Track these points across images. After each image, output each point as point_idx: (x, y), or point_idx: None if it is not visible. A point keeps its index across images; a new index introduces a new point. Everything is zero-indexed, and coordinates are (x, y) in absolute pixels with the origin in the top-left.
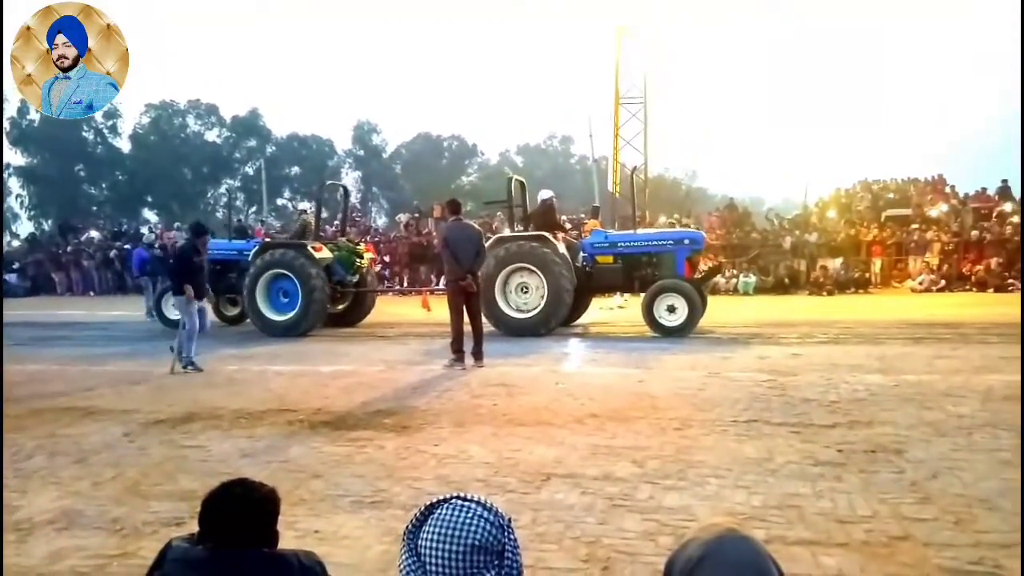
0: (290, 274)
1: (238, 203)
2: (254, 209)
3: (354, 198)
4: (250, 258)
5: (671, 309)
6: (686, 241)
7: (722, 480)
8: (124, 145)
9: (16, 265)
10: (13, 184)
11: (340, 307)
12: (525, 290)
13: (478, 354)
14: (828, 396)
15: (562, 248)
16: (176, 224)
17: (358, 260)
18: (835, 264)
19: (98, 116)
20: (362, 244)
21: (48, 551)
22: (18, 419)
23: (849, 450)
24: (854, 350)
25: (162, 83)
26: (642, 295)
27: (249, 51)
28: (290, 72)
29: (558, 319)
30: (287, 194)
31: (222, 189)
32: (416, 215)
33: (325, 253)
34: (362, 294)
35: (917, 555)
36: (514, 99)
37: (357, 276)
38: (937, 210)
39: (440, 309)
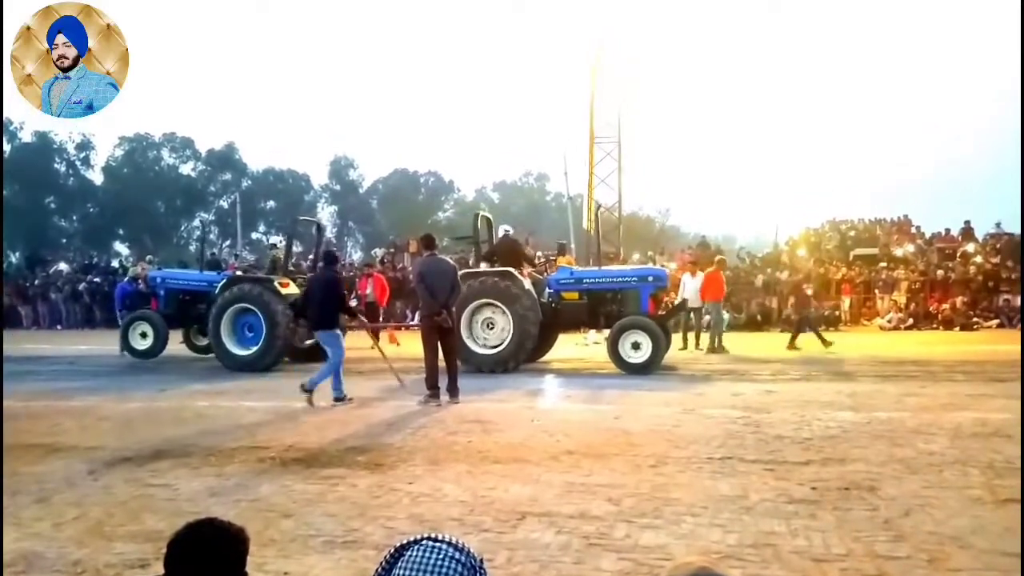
0: (255, 309)
1: (212, 236)
2: (228, 243)
3: (330, 232)
4: (217, 291)
5: (636, 346)
6: (650, 278)
7: (698, 518)
8: (96, 177)
9: None
10: None
11: (309, 342)
12: (491, 326)
13: (453, 391)
14: (801, 433)
15: (527, 284)
16: (148, 257)
17: None
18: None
19: (70, 148)
20: None
21: None
22: None
23: (823, 487)
24: (826, 387)
25: (137, 116)
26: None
27: (226, 85)
28: (267, 106)
29: (524, 354)
30: (262, 228)
31: (196, 222)
32: (392, 250)
33: (292, 288)
34: None
35: None
36: (490, 136)
37: None
38: (903, 250)
39: (411, 344)
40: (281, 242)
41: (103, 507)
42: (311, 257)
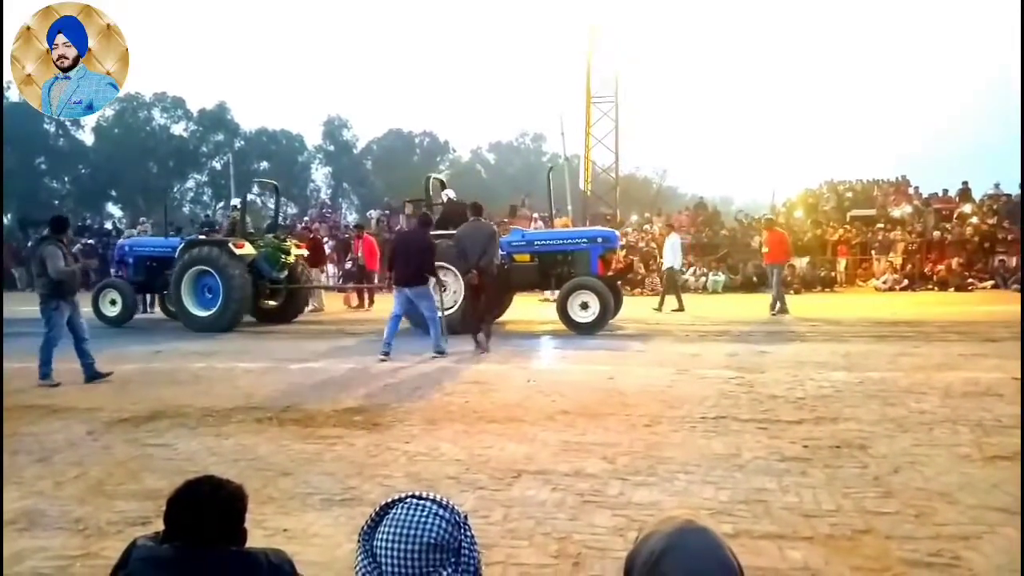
0: (212, 271)
1: (205, 198)
2: (221, 204)
3: (324, 194)
4: (175, 255)
5: (584, 306)
6: (599, 239)
7: (691, 476)
8: (87, 138)
9: None
10: None
11: (272, 303)
12: (443, 288)
13: (486, 334)
14: (795, 393)
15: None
16: (142, 219)
17: (283, 256)
18: (802, 263)
19: None
20: (289, 241)
21: (9, 552)
22: None
23: (815, 446)
24: (820, 347)
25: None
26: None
27: (217, 43)
28: (259, 65)
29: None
30: (256, 189)
31: (189, 183)
32: (387, 212)
33: (248, 250)
34: (295, 291)
35: (879, 548)
36: (486, 96)
37: (284, 272)
38: (901, 211)
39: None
40: (239, 204)
41: (103, 466)
42: (307, 217)
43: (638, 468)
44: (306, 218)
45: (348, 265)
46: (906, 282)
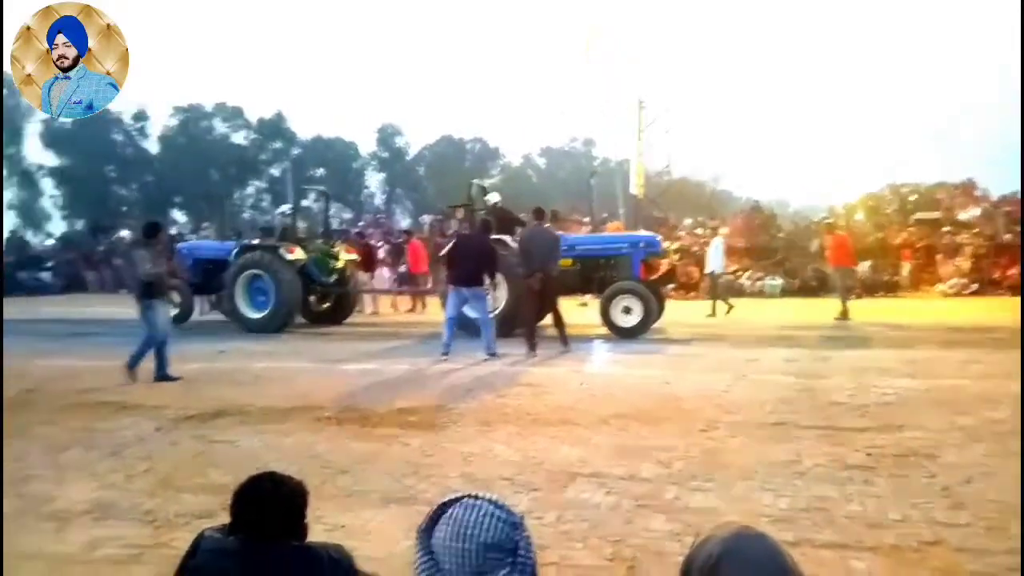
0: (265, 274)
1: (264, 204)
2: (279, 210)
3: (378, 200)
4: (232, 259)
5: (627, 310)
6: (641, 244)
7: (749, 482)
8: (153, 147)
9: (50, 264)
10: (47, 185)
11: (324, 306)
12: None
13: (563, 340)
14: (858, 399)
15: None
16: (204, 224)
17: (332, 262)
18: (864, 267)
19: (127, 119)
20: (339, 246)
21: (85, 540)
22: (53, 413)
23: (879, 454)
24: (884, 354)
25: (189, 86)
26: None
27: (274, 54)
28: (315, 75)
29: (520, 320)
30: (312, 196)
31: (249, 190)
32: (440, 217)
33: (299, 255)
34: (345, 294)
35: (949, 561)
36: (537, 101)
37: (334, 277)
38: (968, 214)
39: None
40: (291, 210)
41: (170, 461)
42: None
43: (694, 473)
44: (360, 223)
45: (402, 269)
46: (975, 287)
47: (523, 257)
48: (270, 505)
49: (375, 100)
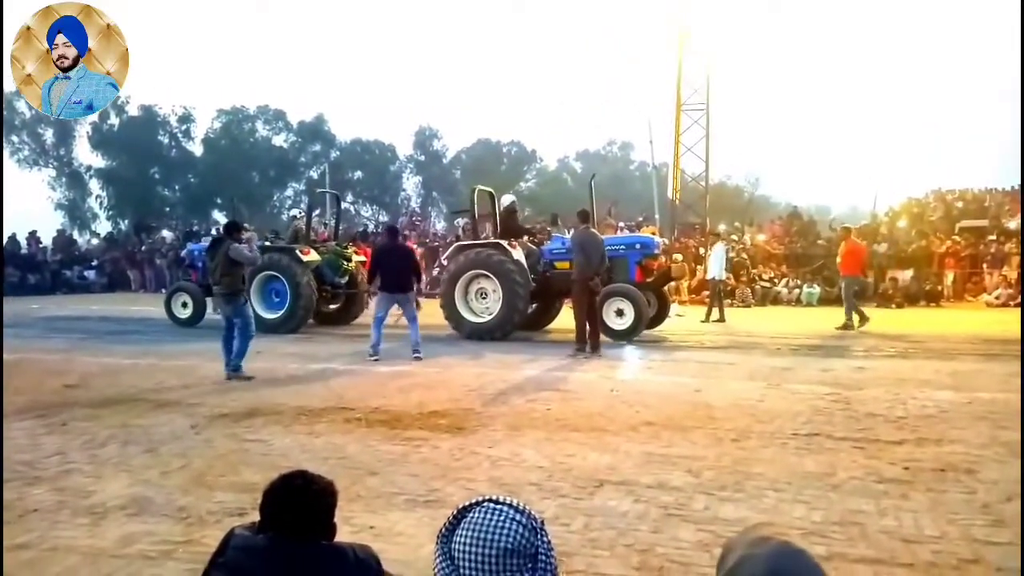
0: (280, 276)
1: (302, 205)
2: (318, 212)
3: (414, 202)
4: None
5: (619, 313)
6: (638, 246)
7: (781, 493)
8: (196, 149)
9: (95, 262)
10: (94, 185)
11: (332, 307)
12: (484, 295)
13: (595, 347)
14: (895, 412)
15: (517, 255)
16: (245, 224)
17: (345, 263)
18: (905, 276)
19: (173, 121)
20: (351, 248)
21: (120, 535)
22: (93, 408)
23: (916, 468)
24: (924, 365)
25: (233, 89)
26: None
27: (317, 57)
28: (355, 78)
29: (513, 324)
30: (350, 198)
31: (288, 192)
32: (474, 219)
33: (313, 256)
34: (353, 295)
35: None
36: (574, 105)
37: (346, 278)
38: (1016, 222)
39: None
40: (302, 213)
41: (204, 459)
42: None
43: (724, 483)
44: (398, 224)
45: (436, 272)
46: (1021, 297)
47: (582, 260)
48: (300, 503)
49: (414, 103)
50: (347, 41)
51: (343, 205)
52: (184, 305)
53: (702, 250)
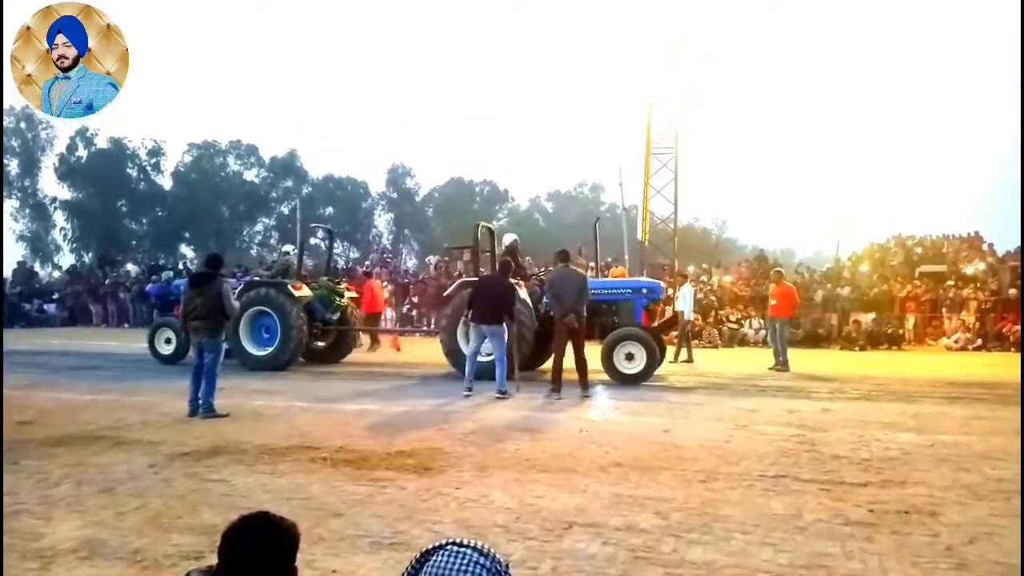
0: (271, 311)
1: (272, 241)
2: (287, 248)
3: (386, 240)
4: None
5: (629, 357)
6: (644, 290)
7: (748, 536)
8: (166, 182)
9: (55, 295)
10: (58, 217)
11: (322, 344)
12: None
13: (584, 385)
14: (860, 453)
15: (523, 293)
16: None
17: (337, 299)
18: (867, 319)
19: (142, 154)
20: (343, 284)
21: None
22: (48, 446)
23: (881, 510)
24: (887, 407)
25: (206, 124)
26: (601, 344)
27: (290, 94)
28: (328, 114)
29: (520, 361)
30: (320, 234)
31: (257, 227)
32: (446, 258)
33: (305, 292)
34: (344, 332)
35: None
36: (546, 146)
37: (337, 314)
38: (974, 268)
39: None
40: (294, 249)
41: (162, 499)
42: (368, 262)
43: (692, 525)
44: (367, 263)
45: (405, 309)
46: (979, 342)
47: (553, 300)
48: (260, 546)
49: (387, 140)
50: (321, 77)
51: (312, 240)
52: (167, 341)
53: (671, 290)
